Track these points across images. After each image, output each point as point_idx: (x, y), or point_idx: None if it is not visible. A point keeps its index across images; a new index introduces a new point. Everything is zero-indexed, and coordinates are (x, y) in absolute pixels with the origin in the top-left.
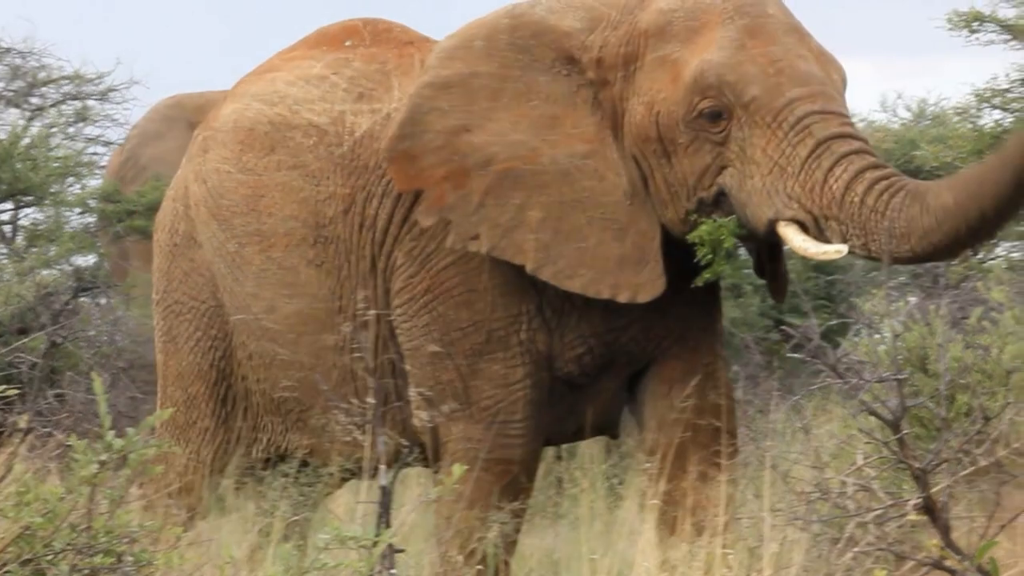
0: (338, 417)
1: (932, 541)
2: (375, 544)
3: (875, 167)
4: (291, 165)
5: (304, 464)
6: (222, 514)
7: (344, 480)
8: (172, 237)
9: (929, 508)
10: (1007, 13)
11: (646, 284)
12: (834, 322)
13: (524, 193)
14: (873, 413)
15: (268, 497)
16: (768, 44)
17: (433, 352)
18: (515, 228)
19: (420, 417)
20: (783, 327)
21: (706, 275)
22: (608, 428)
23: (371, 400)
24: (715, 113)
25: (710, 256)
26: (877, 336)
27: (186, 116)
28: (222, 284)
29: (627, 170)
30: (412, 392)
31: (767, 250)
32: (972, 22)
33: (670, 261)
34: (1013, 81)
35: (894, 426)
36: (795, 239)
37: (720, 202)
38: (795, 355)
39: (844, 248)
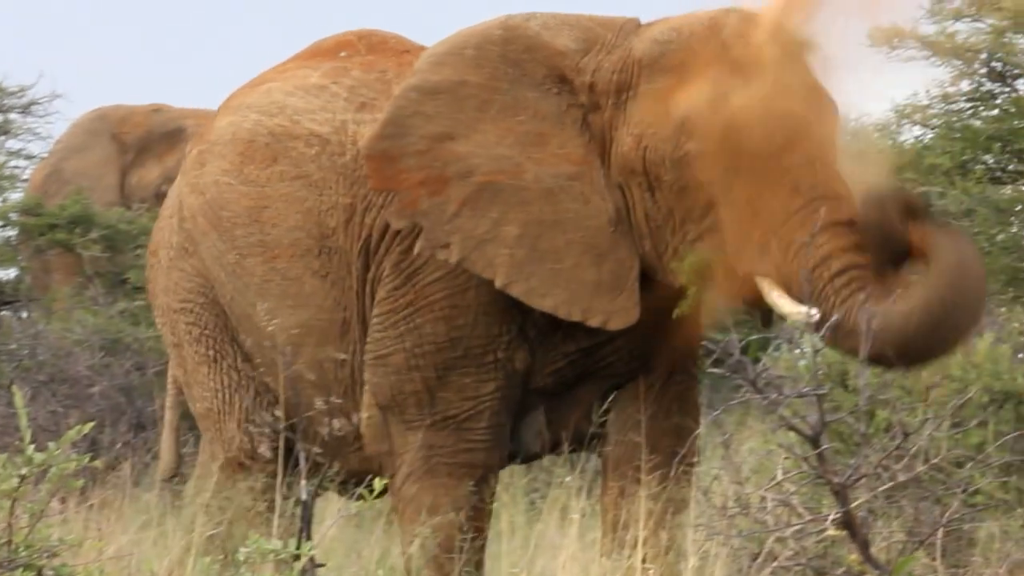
0: (250, 429)
1: (851, 556)
2: (296, 558)
3: (854, 249)
4: (294, 175)
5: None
6: (146, 528)
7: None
8: (168, 252)
9: (848, 523)
10: (927, 29)
11: (619, 312)
12: (754, 337)
13: (503, 208)
14: (793, 428)
15: (188, 512)
16: (760, 84)
17: (400, 362)
18: (489, 241)
19: (368, 423)
20: (704, 342)
21: (684, 306)
22: (588, 441)
23: (279, 413)
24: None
25: (691, 286)
26: (797, 351)
27: (109, 129)
28: (220, 291)
29: (612, 197)
30: (367, 397)
31: None
32: (892, 38)
33: (650, 285)
34: (933, 97)
35: (814, 441)
36: (771, 293)
37: (706, 238)
38: (715, 370)
39: (816, 313)
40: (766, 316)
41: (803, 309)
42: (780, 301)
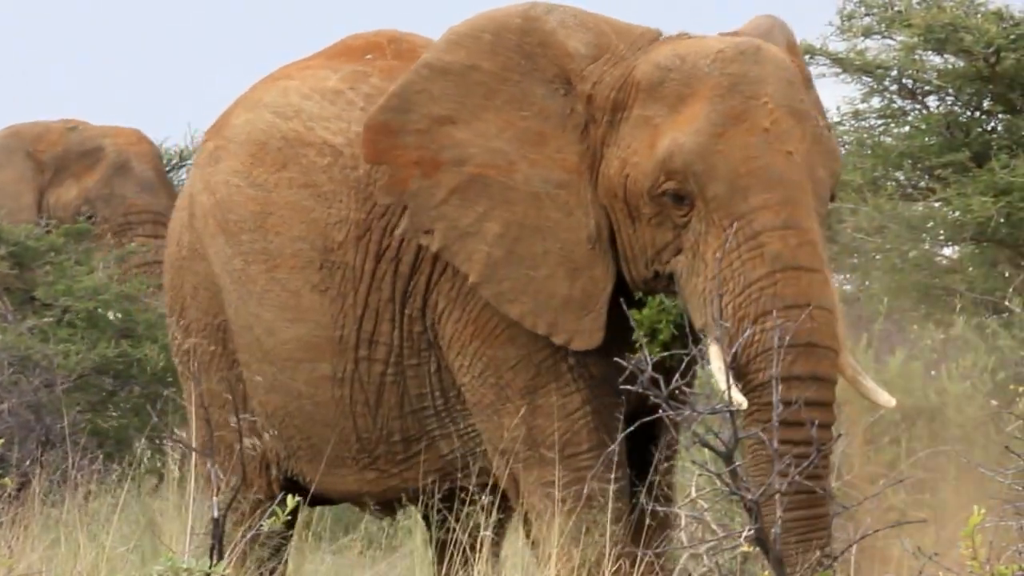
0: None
1: (764, 573)
2: (208, 575)
3: (805, 348)
4: (302, 184)
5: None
6: (56, 545)
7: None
8: (179, 250)
9: (761, 540)
10: (837, 46)
11: (584, 332)
12: (667, 354)
13: (489, 203)
14: (706, 445)
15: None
16: (749, 134)
17: (493, 399)
18: (471, 235)
19: (499, 473)
20: (616, 359)
21: (637, 355)
22: None
23: (184, 433)
24: (678, 197)
25: (645, 339)
26: (710, 368)
27: (24, 146)
28: (227, 299)
29: (595, 213)
30: (489, 449)
31: None
32: (803, 55)
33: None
34: (844, 114)
35: (727, 458)
36: (714, 362)
37: (670, 283)
38: (629, 387)
39: (744, 403)
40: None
41: (733, 394)
42: (719, 375)
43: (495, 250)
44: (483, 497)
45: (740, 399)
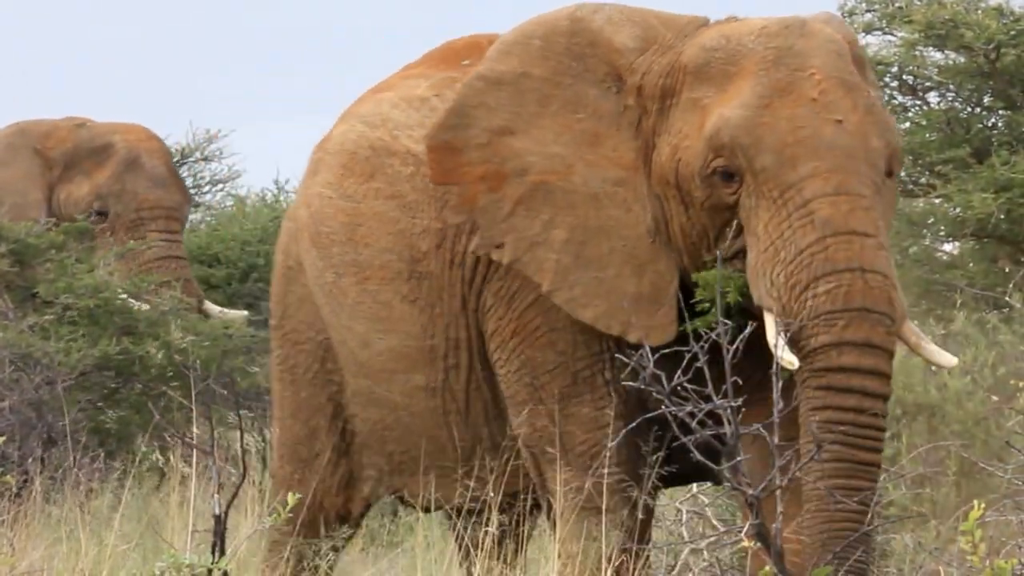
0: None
1: (765, 568)
2: (210, 572)
3: (859, 313)
4: (388, 194)
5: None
6: (57, 543)
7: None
8: (286, 260)
9: (762, 535)
10: None
11: (658, 327)
12: (668, 350)
13: (553, 210)
14: (709, 442)
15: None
16: (796, 105)
17: (526, 398)
18: (539, 244)
19: (527, 467)
20: (618, 355)
21: (698, 322)
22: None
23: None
24: (728, 174)
25: (708, 303)
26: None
27: (31, 143)
28: (323, 313)
29: (652, 206)
30: (521, 446)
31: None
32: None
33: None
34: None
35: (728, 453)
36: (770, 331)
37: (737, 259)
38: (630, 384)
39: (796, 363)
40: None
41: (787, 357)
42: (775, 341)
43: (564, 256)
44: (487, 493)
45: (791, 359)
